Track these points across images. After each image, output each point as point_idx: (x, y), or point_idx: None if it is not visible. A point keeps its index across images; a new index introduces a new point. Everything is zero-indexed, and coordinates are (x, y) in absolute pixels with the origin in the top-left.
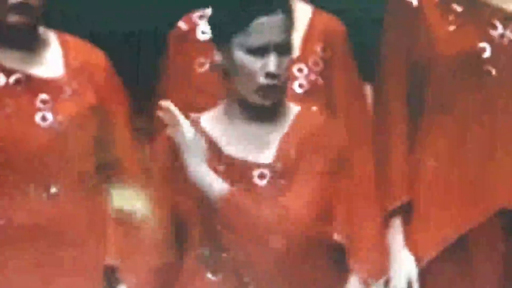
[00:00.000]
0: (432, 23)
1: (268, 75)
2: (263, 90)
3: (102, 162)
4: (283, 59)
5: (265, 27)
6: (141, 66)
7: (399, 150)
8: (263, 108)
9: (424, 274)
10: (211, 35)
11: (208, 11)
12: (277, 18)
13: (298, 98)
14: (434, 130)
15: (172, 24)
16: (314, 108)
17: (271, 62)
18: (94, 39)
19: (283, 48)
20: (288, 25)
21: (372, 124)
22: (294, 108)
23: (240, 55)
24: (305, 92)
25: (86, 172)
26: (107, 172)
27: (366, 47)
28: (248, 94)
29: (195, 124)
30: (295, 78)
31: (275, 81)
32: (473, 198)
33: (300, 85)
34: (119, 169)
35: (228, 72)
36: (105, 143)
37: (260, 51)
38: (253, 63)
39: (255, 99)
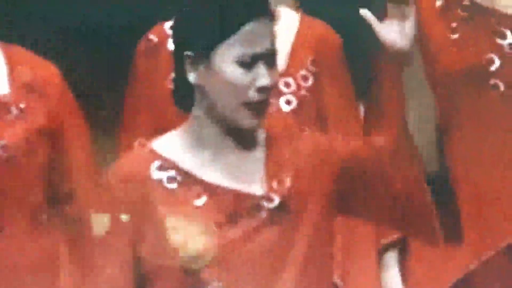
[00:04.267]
0: (432, 31)
1: (262, 89)
2: (253, 106)
3: (54, 194)
4: (272, 70)
5: (254, 34)
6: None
7: None
8: (244, 129)
9: None
10: (180, 48)
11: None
12: (264, 24)
13: (285, 117)
14: None
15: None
16: (307, 130)
17: (263, 75)
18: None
19: (272, 58)
20: (273, 32)
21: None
22: (259, 130)
23: (226, 68)
24: (293, 110)
25: (35, 205)
26: (60, 205)
27: (360, 61)
28: (234, 112)
29: (153, 153)
30: (282, 93)
31: (266, 95)
32: (480, 231)
33: (288, 102)
34: (74, 202)
35: (203, 90)
36: (58, 171)
37: (249, 63)
38: (243, 76)
39: (243, 118)
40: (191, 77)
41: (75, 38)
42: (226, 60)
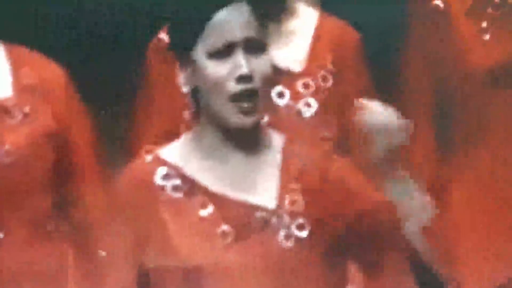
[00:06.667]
0: (463, 30)
1: (241, 78)
2: (238, 99)
3: (60, 199)
4: (255, 57)
5: (226, 23)
6: (111, 85)
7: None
8: (244, 131)
9: None
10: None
11: None
12: (240, 11)
13: (305, 120)
14: (464, 162)
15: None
16: (326, 134)
17: (241, 62)
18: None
19: (254, 45)
20: (258, 18)
21: None
22: (274, 134)
23: (203, 63)
24: (313, 113)
25: (40, 212)
26: (66, 211)
27: (382, 61)
28: (222, 110)
29: (159, 160)
30: (301, 95)
31: (249, 85)
32: (502, 254)
33: (307, 104)
34: (80, 207)
35: (199, 91)
36: (64, 176)
37: (225, 53)
38: (219, 68)
39: (231, 115)
40: (181, 79)
41: (80, 40)
42: (202, 54)
